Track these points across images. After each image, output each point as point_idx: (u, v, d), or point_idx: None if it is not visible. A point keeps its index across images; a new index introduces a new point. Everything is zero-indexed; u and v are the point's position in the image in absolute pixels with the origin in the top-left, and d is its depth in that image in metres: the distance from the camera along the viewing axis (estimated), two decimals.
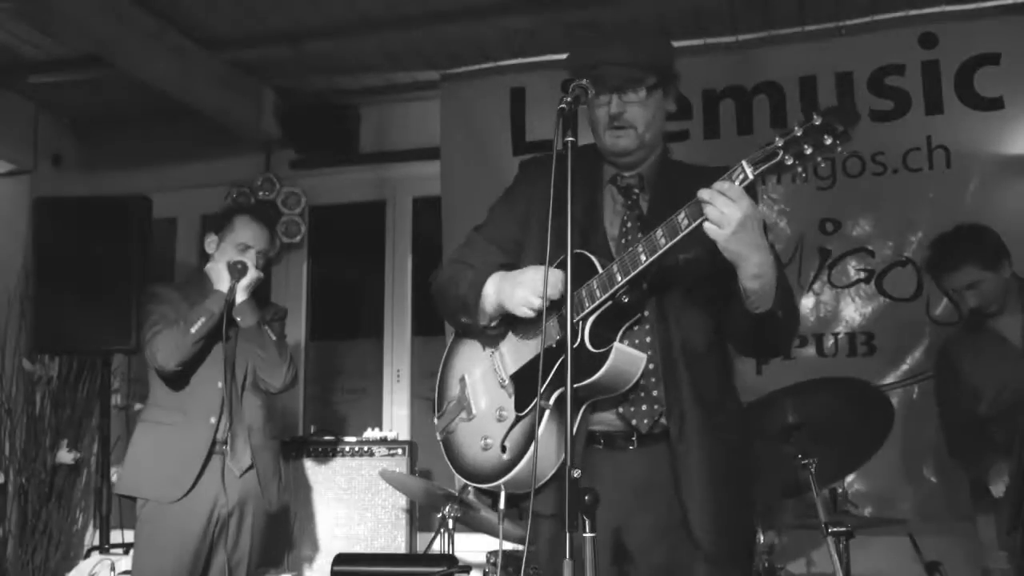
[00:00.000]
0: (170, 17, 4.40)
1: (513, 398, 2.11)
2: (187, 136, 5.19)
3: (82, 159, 5.55)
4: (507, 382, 2.14)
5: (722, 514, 2.03)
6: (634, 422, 2.05)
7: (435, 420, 2.28)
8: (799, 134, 1.80)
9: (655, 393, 2.04)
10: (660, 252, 1.93)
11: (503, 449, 2.09)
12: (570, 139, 1.88)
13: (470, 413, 2.20)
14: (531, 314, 2.06)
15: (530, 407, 2.03)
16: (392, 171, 5.26)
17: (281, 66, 4.85)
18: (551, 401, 1.98)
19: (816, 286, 4.34)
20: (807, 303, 4.34)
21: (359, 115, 5.30)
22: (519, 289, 2.06)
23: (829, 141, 1.79)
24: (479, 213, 2.44)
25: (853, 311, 4.29)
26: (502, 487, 2.06)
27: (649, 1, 4.19)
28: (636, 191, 2.19)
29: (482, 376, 2.21)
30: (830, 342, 4.29)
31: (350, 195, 5.39)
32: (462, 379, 2.26)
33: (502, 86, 4.84)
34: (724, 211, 1.81)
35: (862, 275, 4.30)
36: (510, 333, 2.20)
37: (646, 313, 2.06)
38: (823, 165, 1.84)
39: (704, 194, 1.83)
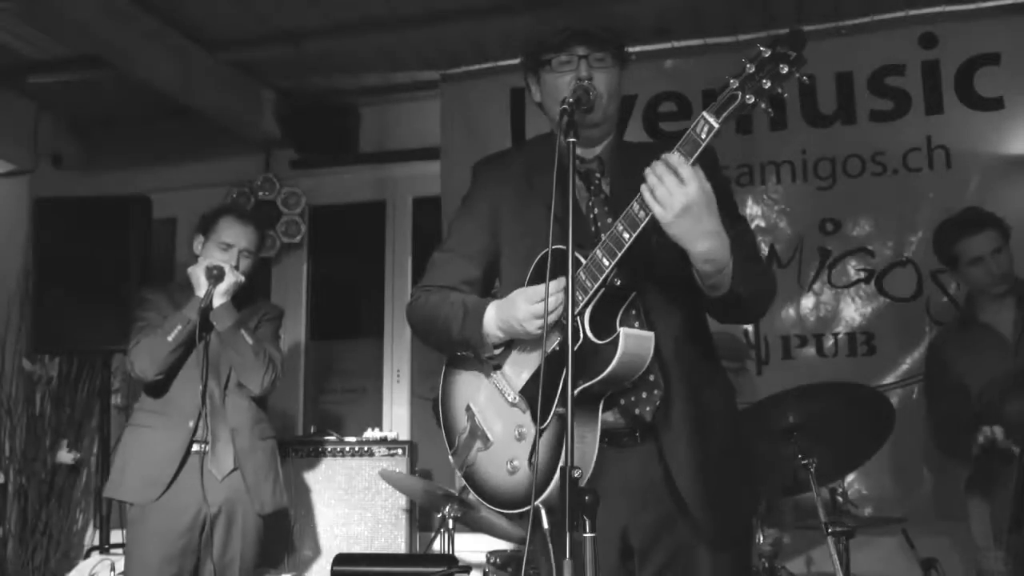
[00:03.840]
0: (170, 17, 4.40)
1: (528, 413, 2.03)
2: (187, 136, 5.19)
3: (82, 159, 5.55)
4: (517, 399, 2.07)
5: (718, 491, 1.99)
6: (637, 411, 2.01)
7: (450, 458, 2.19)
8: (752, 71, 1.76)
9: (651, 377, 1.99)
10: (642, 226, 1.87)
11: (531, 466, 2.00)
12: (572, 140, 1.87)
13: (487, 441, 2.11)
14: (552, 333, 1.99)
15: (550, 417, 1.96)
16: (392, 171, 5.26)
17: (281, 66, 4.85)
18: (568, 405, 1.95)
19: (816, 286, 4.34)
20: (807, 303, 4.34)
21: (359, 115, 5.30)
22: (528, 323, 1.98)
23: (785, 70, 1.75)
24: None
25: (853, 311, 4.29)
26: (542, 507, 1.92)
27: (649, 1, 4.19)
28: (597, 175, 2.15)
29: (488, 400, 2.14)
30: (830, 342, 4.29)
31: (350, 195, 5.39)
32: (468, 408, 2.17)
33: (502, 86, 4.84)
34: (672, 193, 1.78)
35: (862, 275, 4.30)
36: (510, 351, 2.13)
37: (634, 293, 2.01)
38: (785, 95, 1.77)
39: (657, 168, 1.80)
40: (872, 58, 4.37)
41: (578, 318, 1.93)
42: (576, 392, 1.87)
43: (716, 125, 1.78)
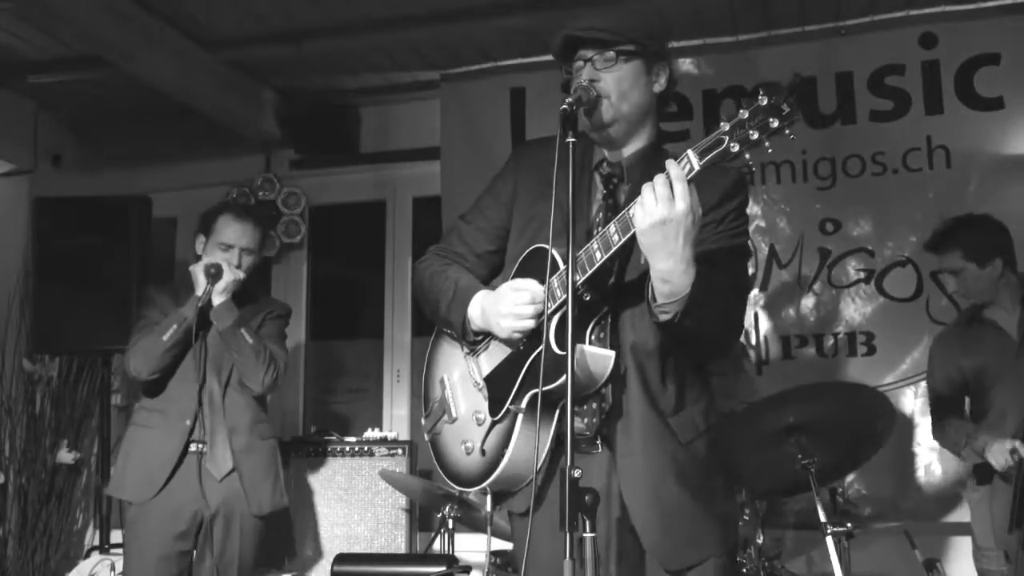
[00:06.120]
0: (170, 17, 4.40)
1: (487, 402, 2.07)
2: (187, 136, 5.19)
3: (82, 159, 5.55)
4: (481, 384, 2.10)
5: (673, 519, 1.96)
6: (585, 420, 2.01)
7: (423, 421, 2.26)
8: (745, 116, 1.73)
9: (603, 391, 1.98)
10: (615, 249, 1.88)
11: (482, 453, 2.05)
12: (571, 140, 1.86)
13: (451, 416, 2.16)
14: (523, 337, 2.01)
15: (502, 411, 2.00)
16: (392, 171, 5.26)
17: (281, 66, 4.85)
18: (523, 404, 1.94)
19: (816, 286, 4.34)
20: (807, 303, 4.34)
21: (359, 115, 5.30)
22: (503, 320, 2.00)
23: (775, 124, 1.71)
24: None
25: (853, 311, 4.29)
26: (487, 489, 2.03)
27: (649, 1, 4.19)
28: (615, 180, 2.13)
29: (460, 378, 2.18)
30: (830, 342, 4.29)
31: (350, 195, 5.39)
32: (442, 380, 2.23)
33: (502, 86, 4.84)
34: (657, 202, 1.76)
35: (862, 275, 4.30)
36: (490, 340, 2.15)
37: (605, 310, 2.00)
38: (771, 151, 1.74)
39: (657, 179, 1.78)
40: (872, 58, 4.37)
41: (544, 324, 1.94)
42: (530, 394, 1.93)
43: (696, 167, 1.78)
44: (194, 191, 5.25)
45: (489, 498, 1.99)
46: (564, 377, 1.83)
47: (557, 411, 1.96)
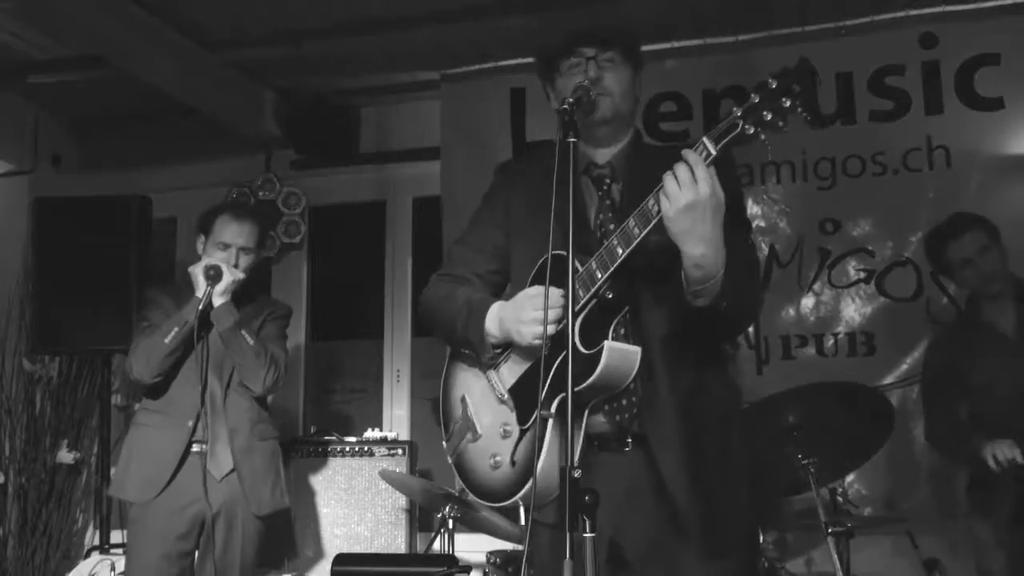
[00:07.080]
0: (170, 17, 4.40)
1: (515, 412, 2.07)
2: (187, 136, 5.19)
3: (82, 159, 5.55)
4: (506, 397, 2.10)
5: (711, 503, 1.98)
6: (617, 418, 2.02)
7: (443, 444, 2.25)
8: (757, 100, 1.75)
9: (631, 386, 1.99)
10: (636, 242, 1.88)
11: (513, 464, 2.04)
12: (572, 140, 1.86)
13: (475, 434, 2.16)
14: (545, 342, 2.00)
15: (532, 418, 1.99)
16: (392, 171, 5.26)
17: (281, 66, 4.85)
18: (552, 409, 1.94)
19: (816, 286, 4.34)
20: (807, 303, 4.34)
21: (359, 115, 5.30)
22: (525, 327, 2.00)
23: (788, 103, 1.72)
24: None
25: (853, 311, 4.29)
26: (519, 503, 2.01)
27: (649, 1, 4.19)
28: (608, 181, 2.15)
29: (481, 394, 2.18)
30: (830, 342, 4.29)
31: (350, 195, 5.39)
32: (463, 399, 2.22)
33: (502, 86, 4.84)
34: (681, 187, 1.76)
35: (862, 275, 4.30)
36: (509, 354, 2.15)
37: (627, 307, 2.01)
38: (785, 130, 1.74)
39: (677, 166, 1.79)
40: (872, 58, 4.37)
41: (568, 326, 1.92)
42: (559, 398, 1.91)
43: (714, 152, 1.78)
44: (194, 191, 5.25)
45: (522, 512, 1.95)
46: (592, 377, 1.86)
47: (587, 412, 1.98)
